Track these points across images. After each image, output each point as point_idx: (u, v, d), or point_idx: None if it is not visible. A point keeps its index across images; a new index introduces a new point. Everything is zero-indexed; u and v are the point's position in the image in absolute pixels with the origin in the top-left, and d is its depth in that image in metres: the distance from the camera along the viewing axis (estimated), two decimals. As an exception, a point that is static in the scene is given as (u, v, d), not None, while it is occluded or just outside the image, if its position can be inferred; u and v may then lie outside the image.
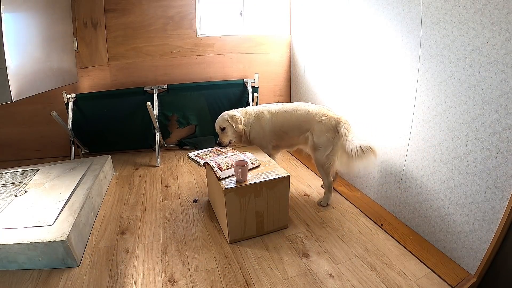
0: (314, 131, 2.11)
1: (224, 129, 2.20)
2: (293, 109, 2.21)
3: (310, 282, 1.52)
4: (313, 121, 2.13)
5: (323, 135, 2.07)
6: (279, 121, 2.21)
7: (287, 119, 2.20)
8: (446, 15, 1.51)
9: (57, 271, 1.61)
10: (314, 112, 2.14)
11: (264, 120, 2.22)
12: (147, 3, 2.94)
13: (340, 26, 2.41)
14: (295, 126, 2.18)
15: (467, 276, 1.53)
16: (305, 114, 2.16)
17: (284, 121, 2.20)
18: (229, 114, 2.21)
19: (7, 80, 1.80)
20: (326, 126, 2.07)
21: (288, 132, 2.22)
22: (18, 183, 2.14)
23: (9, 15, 1.84)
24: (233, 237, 1.80)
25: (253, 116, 2.25)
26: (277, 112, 2.22)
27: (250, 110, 2.29)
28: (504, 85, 1.30)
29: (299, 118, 2.17)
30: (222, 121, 2.21)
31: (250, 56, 3.27)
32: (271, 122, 2.22)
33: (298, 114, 2.17)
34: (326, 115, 2.12)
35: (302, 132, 2.17)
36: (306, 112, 2.16)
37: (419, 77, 1.73)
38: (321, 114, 2.12)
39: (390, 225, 1.95)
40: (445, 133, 1.60)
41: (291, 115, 2.19)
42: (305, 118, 2.15)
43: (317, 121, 2.11)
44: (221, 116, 2.22)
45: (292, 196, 2.29)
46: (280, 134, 2.24)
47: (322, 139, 2.07)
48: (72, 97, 2.87)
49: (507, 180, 1.33)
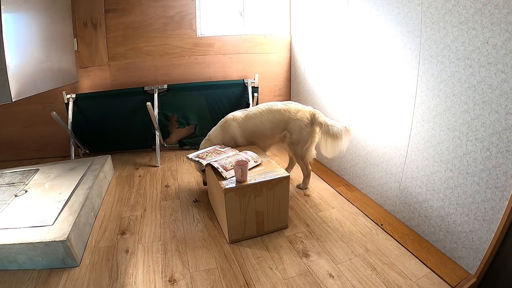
0: (292, 128, 2.18)
1: (205, 170, 2.19)
2: (263, 112, 2.22)
3: (310, 282, 1.52)
4: (288, 119, 2.18)
5: (302, 130, 2.16)
6: (250, 127, 2.23)
7: (258, 124, 2.21)
8: (446, 15, 1.51)
9: (57, 271, 1.61)
10: (287, 109, 2.19)
11: (232, 129, 2.23)
12: (147, 3, 2.94)
13: (340, 26, 2.41)
14: (269, 128, 2.21)
15: (467, 276, 1.53)
16: (278, 115, 2.19)
17: (255, 126, 2.22)
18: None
19: (7, 80, 1.80)
20: (303, 122, 2.17)
21: (261, 136, 2.24)
22: (18, 183, 2.14)
23: (9, 15, 1.84)
24: (233, 237, 1.80)
25: (219, 130, 2.27)
26: (246, 118, 2.23)
27: (215, 130, 2.30)
28: (504, 85, 1.30)
29: (273, 119, 2.20)
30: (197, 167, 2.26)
31: (250, 56, 3.27)
32: (241, 129, 2.23)
33: (272, 116, 2.20)
34: (299, 110, 2.20)
35: (278, 133, 2.23)
36: (279, 111, 2.20)
37: (419, 77, 1.73)
38: (295, 111, 2.19)
39: (390, 225, 1.95)
40: (445, 133, 1.60)
41: (263, 118, 2.20)
42: (280, 118, 2.19)
43: (292, 118, 2.17)
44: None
45: (292, 196, 2.29)
46: (253, 140, 2.27)
47: (302, 134, 2.17)
48: (72, 97, 2.87)
49: (507, 180, 1.33)
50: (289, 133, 2.20)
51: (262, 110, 2.24)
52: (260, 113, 2.22)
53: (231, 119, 2.25)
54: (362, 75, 2.22)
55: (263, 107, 2.27)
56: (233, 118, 2.25)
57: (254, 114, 2.23)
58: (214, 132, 2.29)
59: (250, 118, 2.23)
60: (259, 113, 2.23)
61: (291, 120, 2.18)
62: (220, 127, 2.28)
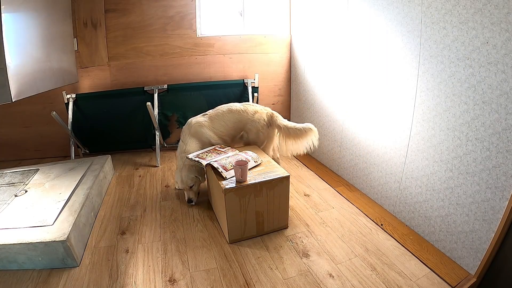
0: (249, 129, 2.24)
1: (193, 186, 2.16)
2: (225, 112, 2.26)
3: (310, 282, 1.52)
4: (246, 120, 2.23)
5: (259, 132, 2.23)
6: (218, 128, 2.24)
7: (223, 125, 2.25)
8: (446, 15, 1.51)
9: (57, 271, 1.61)
10: (245, 110, 2.24)
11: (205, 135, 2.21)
12: (147, 3, 2.94)
13: (340, 26, 2.41)
14: (232, 128, 2.26)
15: (467, 276, 1.53)
16: (238, 115, 2.24)
17: (222, 126, 2.25)
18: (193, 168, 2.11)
19: (7, 80, 1.80)
20: (260, 123, 2.23)
21: (228, 135, 2.29)
22: (18, 183, 2.14)
23: (9, 15, 1.84)
24: (233, 237, 1.80)
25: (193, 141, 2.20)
26: (211, 120, 2.24)
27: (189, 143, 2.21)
28: (504, 85, 1.30)
29: (234, 119, 2.25)
30: (190, 180, 2.13)
31: (250, 56, 3.27)
32: (212, 131, 2.24)
33: (233, 116, 2.25)
34: (257, 111, 2.25)
35: (238, 132, 2.28)
36: (238, 112, 2.24)
37: (419, 77, 1.73)
38: (252, 112, 2.24)
39: (390, 225, 1.95)
40: (445, 133, 1.60)
41: (225, 118, 2.24)
42: (240, 118, 2.24)
43: (250, 119, 2.22)
44: (186, 172, 2.12)
45: (292, 196, 2.29)
46: (223, 138, 2.28)
47: (258, 135, 2.24)
48: (72, 97, 2.87)
49: (507, 180, 1.33)
50: (246, 133, 2.28)
51: (223, 111, 2.27)
52: (222, 114, 2.26)
53: (198, 125, 2.22)
54: (362, 75, 2.22)
55: (223, 108, 2.29)
56: (200, 124, 2.22)
57: (216, 115, 2.25)
58: (190, 144, 2.19)
59: (214, 119, 2.25)
60: (221, 113, 2.26)
61: (249, 121, 2.25)
62: (192, 136, 2.21)
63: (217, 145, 2.23)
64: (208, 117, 2.27)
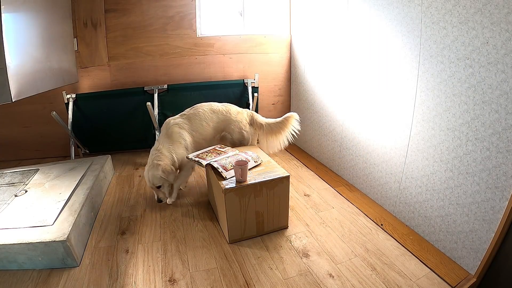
0: (233, 129, 2.26)
1: (160, 186, 2.09)
2: (206, 112, 2.23)
3: (310, 282, 1.52)
4: (229, 120, 2.25)
5: (242, 131, 2.27)
6: (197, 129, 2.20)
7: (203, 125, 2.22)
8: (446, 15, 1.51)
9: (57, 271, 1.61)
10: (228, 111, 2.26)
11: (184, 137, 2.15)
12: (147, 3, 2.94)
13: (340, 26, 2.41)
14: (212, 128, 2.25)
15: (467, 276, 1.53)
16: (221, 115, 2.25)
17: (201, 127, 2.21)
18: (160, 168, 2.00)
19: (7, 80, 1.80)
20: (243, 123, 2.27)
21: (206, 137, 2.25)
22: (18, 183, 2.14)
23: (9, 15, 1.84)
24: (233, 237, 1.80)
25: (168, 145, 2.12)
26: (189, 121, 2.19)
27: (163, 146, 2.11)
28: (504, 85, 1.30)
29: (217, 119, 2.25)
30: (156, 180, 2.04)
31: (250, 56, 3.27)
32: (190, 135, 2.18)
33: (216, 116, 2.24)
34: (238, 112, 2.28)
35: (218, 133, 2.28)
36: (221, 112, 2.25)
37: (419, 77, 1.73)
38: (235, 112, 2.27)
39: (390, 225, 1.95)
40: (445, 133, 1.60)
41: (207, 118, 2.22)
42: (223, 118, 2.25)
43: (233, 120, 2.25)
44: (152, 173, 2.03)
45: (292, 196, 2.29)
46: (199, 142, 2.24)
47: (243, 135, 2.28)
48: (72, 97, 2.87)
49: (507, 180, 1.33)
50: (229, 134, 2.28)
51: (205, 111, 2.24)
52: (203, 114, 2.23)
53: (178, 126, 2.16)
54: (362, 75, 2.22)
55: (203, 107, 2.26)
56: (179, 126, 2.17)
57: (196, 115, 2.22)
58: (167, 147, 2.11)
59: (193, 119, 2.21)
60: (202, 113, 2.23)
61: (232, 122, 2.26)
62: (169, 138, 2.14)
63: (217, 145, 2.24)
64: (186, 117, 2.22)
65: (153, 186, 2.09)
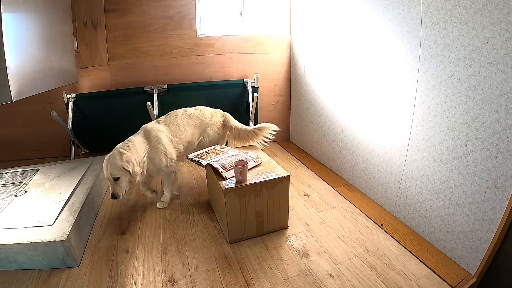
0: (208, 133, 2.24)
1: (118, 179, 1.79)
2: (183, 117, 2.16)
3: (310, 282, 1.52)
4: (206, 124, 2.24)
5: (215, 133, 2.27)
6: (179, 136, 2.11)
7: (183, 131, 2.13)
8: (446, 15, 1.51)
9: (57, 271, 1.61)
10: (203, 114, 2.23)
11: (163, 142, 2.00)
12: (147, 3, 2.94)
13: (340, 26, 2.41)
14: (191, 134, 2.20)
15: (467, 276, 1.53)
16: (197, 120, 2.22)
17: (181, 133, 2.12)
18: (124, 157, 1.78)
19: (7, 80, 1.80)
20: (217, 126, 2.29)
21: (185, 144, 2.16)
22: (18, 183, 2.14)
23: (9, 15, 1.84)
24: (233, 237, 1.80)
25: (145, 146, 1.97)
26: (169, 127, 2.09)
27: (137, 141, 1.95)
28: (504, 85, 1.30)
29: (194, 124, 2.20)
30: (115, 170, 1.76)
31: (250, 56, 3.27)
32: (172, 142, 2.07)
33: (192, 121, 2.20)
34: (212, 114, 2.28)
35: (197, 138, 2.25)
36: (197, 116, 2.22)
37: (419, 77, 1.73)
38: (209, 115, 2.25)
39: (390, 225, 1.95)
40: (445, 133, 1.60)
41: (185, 123, 2.15)
42: (199, 123, 2.22)
43: (209, 123, 2.24)
44: (112, 160, 1.78)
45: (292, 196, 2.29)
46: (179, 148, 2.13)
47: (215, 137, 2.27)
48: (72, 97, 2.87)
49: (507, 180, 1.33)
50: (203, 138, 2.26)
51: (181, 116, 2.16)
52: (180, 119, 2.15)
53: (159, 132, 2.02)
54: (362, 75, 2.22)
55: (179, 113, 2.18)
56: (160, 131, 2.04)
57: (172, 120, 2.12)
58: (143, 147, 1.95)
59: (171, 125, 2.10)
60: (179, 119, 2.14)
61: (208, 125, 2.26)
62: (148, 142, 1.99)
63: (217, 145, 2.24)
64: (163, 122, 2.11)
65: (109, 178, 1.79)
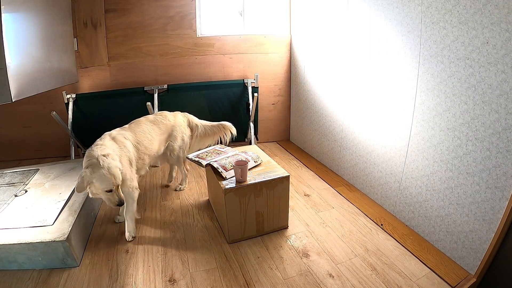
0: (175, 136, 2.20)
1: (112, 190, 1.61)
2: (147, 124, 2.05)
3: (310, 282, 1.52)
4: (172, 127, 2.18)
5: (183, 135, 2.24)
6: (145, 144, 1.97)
7: (150, 139, 2.01)
8: (446, 15, 1.51)
9: (57, 271, 1.61)
10: (165, 117, 2.17)
11: (127, 149, 1.84)
12: (147, 3, 2.94)
13: (340, 26, 2.41)
14: (158, 141, 2.08)
15: (467, 276, 1.53)
16: (162, 125, 2.13)
17: (147, 140, 1.99)
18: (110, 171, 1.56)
19: (7, 80, 1.80)
20: (182, 126, 2.25)
21: (151, 152, 2.03)
22: (18, 183, 2.14)
23: (9, 15, 1.84)
24: (233, 237, 1.80)
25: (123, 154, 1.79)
26: (135, 134, 1.95)
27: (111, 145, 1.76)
28: (504, 85, 1.30)
29: (159, 130, 2.09)
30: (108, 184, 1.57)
31: (250, 56, 3.27)
32: (135, 147, 1.92)
33: (157, 127, 2.08)
34: (175, 115, 2.23)
35: (163, 144, 2.16)
36: (161, 121, 2.12)
37: (419, 77, 1.73)
38: (172, 117, 2.20)
39: (390, 225, 1.95)
40: (445, 133, 1.60)
41: (151, 130, 2.03)
42: (165, 128, 2.15)
43: (173, 125, 2.19)
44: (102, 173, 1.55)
45: (292, 196, 2.29)
46: (144, 158, 1.98)
47: (184, 139, 2.25)
48: (72, 97, 2.87)
49: (507, 180, 1.33)
50: (171, 142, 2.19)
51: (146, 124, 2.04)
52: (145, 126, 2.01)
53: (122, 136, 1.87)
54: (362, 75, 2.22)
55: (143, 121, 2.06)
56: (124, 136, 1.88)
57: (137, 127, 1.99)
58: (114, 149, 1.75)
59: (137, 132, 1.96)
60: (145, 126, 2.01)
61: (173, 127, 2.19)
62: (116, 144, 1.80)
63: (217, 145, 2.24)
64: (129, 129, 1.97)
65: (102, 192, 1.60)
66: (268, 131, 3.52)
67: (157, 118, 2.15)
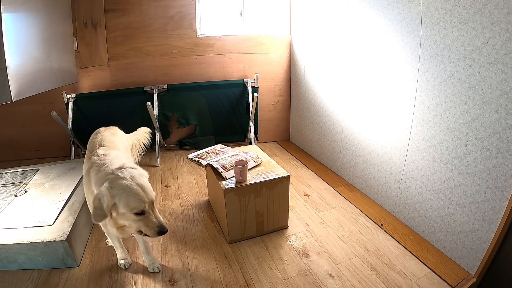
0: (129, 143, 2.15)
1: (144, 212, 1.32)
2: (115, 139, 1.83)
3: (310, 282, 1.52)
4: (123, 135, 2.06)
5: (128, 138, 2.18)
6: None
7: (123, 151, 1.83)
8: (446, 15, 1.51)
9: (57, 271, 1.61)
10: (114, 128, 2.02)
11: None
12: (147, 3, 2.94)
13: (340, 26, 2.41)
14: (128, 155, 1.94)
15: (467, 276, 1.53)
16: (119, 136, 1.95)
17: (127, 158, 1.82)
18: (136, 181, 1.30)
19: (7, 80, 1.80)
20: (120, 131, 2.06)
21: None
22: (18, 183, 2.14)
23: (9, 15, 1.84)
24: (233, 237, 1.80)
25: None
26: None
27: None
28: (504, 85, 1.30)
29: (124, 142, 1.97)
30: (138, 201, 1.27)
31: (250, 56, 3.27)
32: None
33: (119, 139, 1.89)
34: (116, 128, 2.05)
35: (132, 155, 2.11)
36: (115, 134, 1.93)
37: (419, 77, 1.73)
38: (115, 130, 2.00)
39: (390, 225, 1.95)
40: (445, 133, 1.60)
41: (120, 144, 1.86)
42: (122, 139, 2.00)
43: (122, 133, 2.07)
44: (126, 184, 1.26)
45: (292, 196, 2.29)
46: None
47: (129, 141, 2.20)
48: (72, 97, 2.87)
49: (507, 180, 1.33)
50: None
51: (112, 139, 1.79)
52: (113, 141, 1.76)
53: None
54: (362, 75, 2.22)
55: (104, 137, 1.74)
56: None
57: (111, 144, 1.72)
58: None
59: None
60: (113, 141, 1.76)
61: (124, 136, 2.07)
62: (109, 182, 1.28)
63: (217, 145, 2.24)
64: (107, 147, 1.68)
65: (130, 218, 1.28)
66: (268, 131, 3.52)
67: (112, 131, 1.93)
